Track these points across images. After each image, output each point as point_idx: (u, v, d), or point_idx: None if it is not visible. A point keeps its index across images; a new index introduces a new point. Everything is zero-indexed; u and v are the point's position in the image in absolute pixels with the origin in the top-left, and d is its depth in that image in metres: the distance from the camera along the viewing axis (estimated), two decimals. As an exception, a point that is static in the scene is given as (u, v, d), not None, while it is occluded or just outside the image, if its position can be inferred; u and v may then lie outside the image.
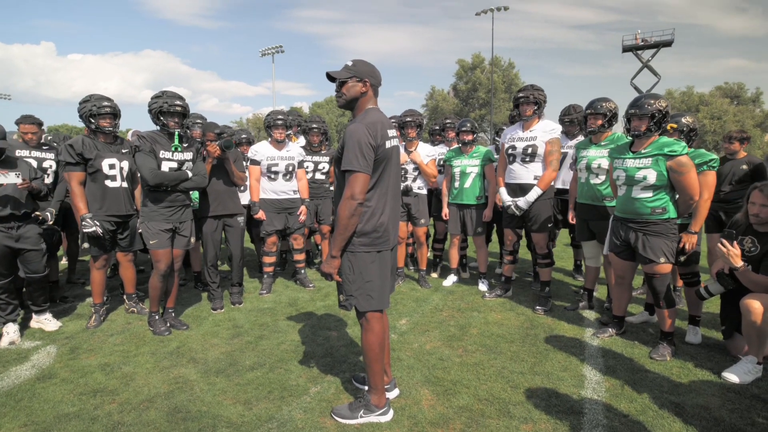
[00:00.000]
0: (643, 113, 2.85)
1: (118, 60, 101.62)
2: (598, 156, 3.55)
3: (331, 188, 5.25)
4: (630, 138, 3.05)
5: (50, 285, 4.02)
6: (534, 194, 3.81)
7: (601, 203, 3.56)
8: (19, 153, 3.85)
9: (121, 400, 2.46)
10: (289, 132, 4.50)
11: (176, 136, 3.40)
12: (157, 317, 3.48)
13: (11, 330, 3.28)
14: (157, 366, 2.87)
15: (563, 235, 6.15)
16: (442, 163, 4.85)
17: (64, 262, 5.44)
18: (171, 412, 2.34)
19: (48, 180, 3.96)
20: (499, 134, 5.30)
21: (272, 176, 4.35)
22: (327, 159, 5.00)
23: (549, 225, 3.93)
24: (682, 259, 3.10)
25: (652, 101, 2.85)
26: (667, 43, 36.50)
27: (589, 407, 2.35)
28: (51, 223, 3.71)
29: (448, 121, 5.36)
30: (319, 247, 5.47)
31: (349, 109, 2.20)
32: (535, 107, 3.83)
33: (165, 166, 3.35)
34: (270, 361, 2.93)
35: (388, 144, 2.11)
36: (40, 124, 4.11)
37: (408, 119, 4.44)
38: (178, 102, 3.35)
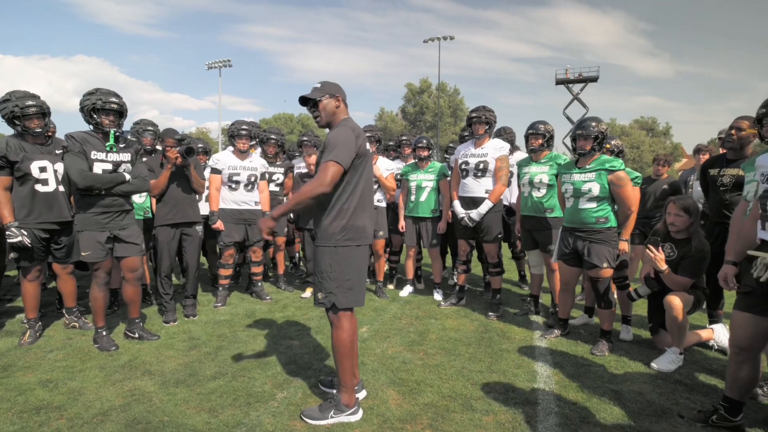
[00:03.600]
0: (588, 134, 3.22)
1: (45, 64, 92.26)
2: (540, 172, 3.89)
3: (286, 199, 5.25)
4: (576, 156, 3.41)
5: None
6: (485, 207, 4.09)
7: (542, 215, 3.90)
8: None
9: (70, 415, 2.30)
10: (253, 143, 4.50)
11: (111, 135, 3.13)
12: (104, 333, 3.26)
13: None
14: (109, 380, 2.71)
15: (504, 249, 6.50)
16: (399, 177, 5.05)
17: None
18: (129, 423, 2.23)
19: None
20: (448, 152, 5.64)
21: (233, 186, 4.30)
22: (282, 170, 5.01)
23: (500, 236, 4.22)
24: (614, 264, 3.48)
25: (595, 124, 3.24)
26: (593, 79, 40.47)
27: (542, 398, 2.55)
28: None
29: (404, 137, 5.60)
30: (274, 261, 5.41)
31: (327, 126, 2.37)
32: (487, 126, 4.15)
33: (98, 168, 3.08)
34: (232, 370, 2.87)
35: (366, 145, 2.30)
36: None
37: (367, 134, 4.58)
38: (113, 99, 3.08)
